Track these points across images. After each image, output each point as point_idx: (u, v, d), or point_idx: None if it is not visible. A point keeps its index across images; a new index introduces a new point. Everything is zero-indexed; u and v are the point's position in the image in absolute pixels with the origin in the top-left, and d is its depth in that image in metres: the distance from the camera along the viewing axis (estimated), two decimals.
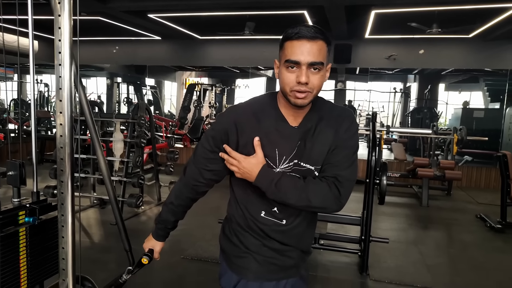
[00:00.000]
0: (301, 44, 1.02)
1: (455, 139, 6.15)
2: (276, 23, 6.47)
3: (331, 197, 1.10)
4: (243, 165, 1.10)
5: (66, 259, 1.50)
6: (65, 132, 1.43)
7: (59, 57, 1.42)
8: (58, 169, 1.46)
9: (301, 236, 1.22)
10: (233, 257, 1.23)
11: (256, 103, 1.17)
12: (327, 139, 1.14)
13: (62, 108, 1.43)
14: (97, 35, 8.06)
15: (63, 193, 1.46)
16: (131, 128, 4.26)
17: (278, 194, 1.09)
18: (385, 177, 2.93)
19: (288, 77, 1.05)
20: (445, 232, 4.43)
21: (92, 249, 3.44)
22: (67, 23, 1.41)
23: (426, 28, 5.43)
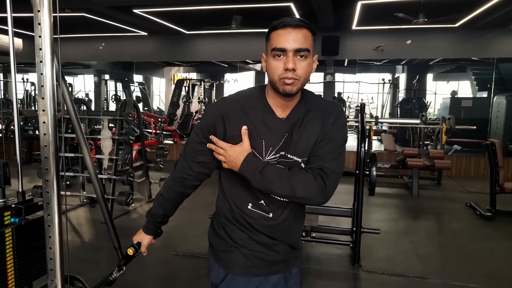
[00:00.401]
0: (286, 32, 1.05)
1: (444, 129, 6.22)
2: (263, 16, 6.44)
3: (316, 188, 1.08)
4: (229, 153, 1.11)
5: (54, 259, 1.47)
6: (49, 130, 1.40)
7: (40, 54, 1.38)
8: (43, 168, 1.43)
9: (288, 230, 1.21)
10: (220, 251, 1.22)
11: (244, 95, 1.18)
12: (314, 131, 1.14)
13: (45, 106, 1.40)
14: (82, 32, 7.93)
15: (48, 192, 1.43)
16: (119, 125, 4.21)
17: (262, 183, 1.08)
18: (375, 168, 2.95)
19: (275, 65, 1.07)
20: (436, 221, 4.48)
21: (82, 248, 3.41)
22: (47, 18, 1.37)
23: (412, 18, 5.46)
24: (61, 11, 6.12)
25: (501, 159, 4.38)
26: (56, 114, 1.42)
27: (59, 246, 1.46)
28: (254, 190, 1.14)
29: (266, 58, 1.11)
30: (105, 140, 4.29)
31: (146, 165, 4.76)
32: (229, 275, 1.19)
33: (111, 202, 4.09)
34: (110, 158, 4.24)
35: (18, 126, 1.69)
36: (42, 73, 1.38)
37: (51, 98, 1.40)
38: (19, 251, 1.57)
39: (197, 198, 1.64)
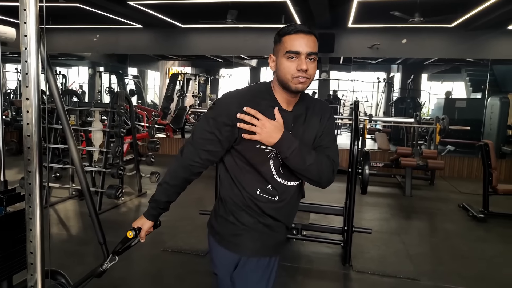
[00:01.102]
0: (300, 37, 1.19)
1: (438, 129, 6.22)
2: (258, 11, 6.39)
3: (331, 172, 1.28)
4: (266, 126, 1.17)
5: (35, 253, 1.42)
6: (32, 119, 1.36)
7: (24, 40, 1.33)
8: (25, 158, 1.38)
9: (290, 211, 1.36)
10: (230, 236, 1.31)
11: (253, 89, 1.30)
12: (315, 125, 1.31)
13: (29, 94, 1.36)
14: (76, 23, 7.81)
15: (30, 184, 1.39)
16: (110, 117, 4.14)
17: (297, 159, 1.20)
18: (368, 166, 2.92)
19: (289, 66, 1.19)
20: (428, 221, 4.48)
21: (69, 242, 3.35)
22: (32, 4, 1.31)
23: (408, 17, 5.44)
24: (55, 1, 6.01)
25: (494, 161, 4.38)
26: (40, 103, 1.38)
27: (40, 240, 1.41)
28: (263, 176, 1.26)
29: (276, 59, 1.24)
30: (96, 132, 4.22)
31: (137, 158, 4.70)
32: (242, 259, 1.30)
33: (100, 195, 4.04)
34: (101, 150, 4.18)
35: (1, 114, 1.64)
36: (26, 60, 1.34)
37: (35, 87, 1.35)
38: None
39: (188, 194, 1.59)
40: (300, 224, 3.19)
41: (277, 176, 1.27)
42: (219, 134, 1.23)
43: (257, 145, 1.22)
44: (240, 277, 1.31)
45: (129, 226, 1.40)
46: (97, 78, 10.68)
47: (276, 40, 1.24)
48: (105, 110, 4.24)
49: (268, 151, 1.24)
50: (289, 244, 3.42)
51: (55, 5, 5.71)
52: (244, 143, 1.23)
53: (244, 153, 1.26)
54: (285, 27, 1.22)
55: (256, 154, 1.24)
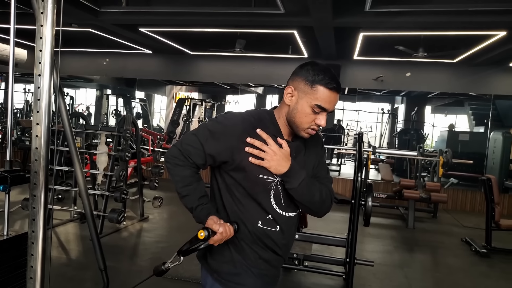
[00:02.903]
0: (334, 96, 1.18)
1: (441, 161, 6.21)
2: (266, 41, 6.54)
3: (330, 201, 1.29)
4: (278, 154, 1.17)
5: (34, 279, 1.41)
6: (41, 144, 1.39)
7: (39, 67, 1.39)
8: (31, 182, 1.40)
9: (288, 243, 1.31)
10: (230, 275, 1.23)
11: (256, 115, 1.26)
12: (313, 156, 1.33)
13: (39, 119, 1.39)
14: (88, 47, 8.02)
15: (35, 208, 1.40)
16: (116, 141, 4.19)
17: (304, 191, 1.20)
18: (371, 198, 2.91)
19: (309, 117, 1.19)
20: (431, 255, 4.41)
21: (68, 266, 3.31)
22: (49, 33, 1.37)
23: (412, 52, 5.55)
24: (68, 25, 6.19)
25: (497, 196, 4.35)
26: (50, 128, 1.41)
27: (41, 265, 1.41)
28: (262, 206, 1.22)
29: (297, 97, 1.20)
30: (101, 155, 4.25)
31: (140, 182, 4.71)
32: None
33: (102, 219, 4.02)
34: (105, 173, 4.19)
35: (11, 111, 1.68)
36: (39, 86, 1.38)
37: (46, 112, 1.39)
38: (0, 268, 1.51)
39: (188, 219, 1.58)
40: (302, 255, 3.14)
41: (277, 207, 1.23)
42: (207, 149, 1.18)
43: (258, 174, 1.18)
44: None
45: (130, 251, 1.38)
46: (104, 101, 10.84)
47: (308, 81, 1.17)
48: (111, 133, 4.29)
49: (269, 181, 1.20)
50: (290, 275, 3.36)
51: (68, 29, 5.90)
52: (244, 171, 1.19)
53: (243, 183, 1.20)
54: (322, 73, 1.16)
55: (256, 184, 1.20)
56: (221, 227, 1.14)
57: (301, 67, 1.21)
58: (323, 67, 1.19)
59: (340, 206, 6.36)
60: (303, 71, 1.19)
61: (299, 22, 5.07)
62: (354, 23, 5.01)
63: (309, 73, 1.17)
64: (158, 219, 4.88)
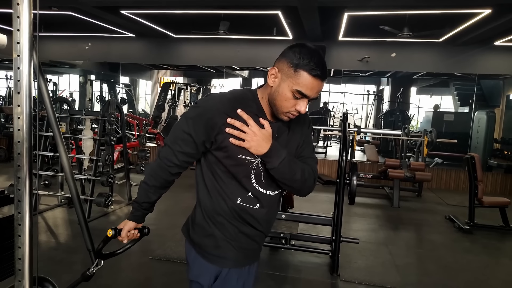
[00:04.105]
0: (317, 83, 1.14)
1: (426, 141, 6.34)
2: (250, 23, 6.47)
3: (313, 180, 1.29)
4: (258, 134, 1.16)
5: (23, 259, 1.42)
6: (23, 126, 1.37)
7: (17, 47, 1.35)
8: (15, 164, 1.39)
9: (269, 220, 1.33)
10: (211, 248, 1.27)
11: (238, 95, 1.24)
12: (297, 136, 1.31)
13: (20, 101, 1.37)
14: (69, 31, 7.81)
15: (20, 190, 1.40)
16: (101, 125, 4.14)
17: (285, 170, 1.20)
18: (355, 177, 2.97)
19: (289, 102, 1.17)
20: (415, 232, 4.54)
21: (57, 250, 3.32)
22: (26, 12, 1.34)
23: (397, 32, 5.57)
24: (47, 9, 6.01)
25: (480, 173, 4.47)
26: (31, 109, 1.39)
27: (29, 246, 1.41)
28: (242, 184, 1.23)
29: (280, 80, 1.17)
30: (87, 140, 4.21)
31: (127, 167, 4.69)
32: (223, 270, 1.27)
33: (90, 203, 4.01)
34: (91, 158, 4.17)
35: None
36: (18, 67, 1.35)
37: (27, 93, 1.37)
38: None
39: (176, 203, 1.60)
40: (289, 234, 3.20)
41: (257, 186, 1.24)
42: (195, 136, 1.19)
43: (239, 155, 1.19)
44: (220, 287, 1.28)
45: None
46: (88, 86, 10.64)
47: (292, 64, 1.14)
48: (95, 118, 4.24)
49: (250, 161, 1.20)
50: (277, 254, 3.44)
51: (47, 12, 5.72)
52: (226, 151, 1.19)
53: (224, 161, 1.21)
54: (308, 58, 1.12)
55: (237, 164, 1.20)
56: (127, 228, 1.35)
57: (290, 48, 1.17)
58: (311, 50, 1.14)
59: (326, 187, 6.47)
60: (290, 52, 1.16)
61: (284, 2, 5.02)
62: (339, 2, 5.00)
63: (295, 56, 1.13)
64: None
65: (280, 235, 3.19)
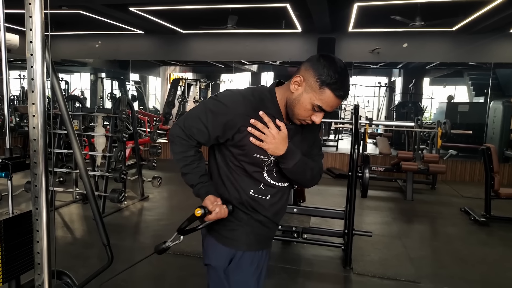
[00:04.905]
0: (338, 102, 1.19)
1: (439, 133, 6.24)
2: (258, 16, 6.44)
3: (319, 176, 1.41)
4: (277, 137, 1.20)
5: (41, 253, 1.46)
6: (38, 124, 1.39)
7: (30, 47, 1.38)
8: (31, 161, 1.42)
9: (279, 210, 1.39)
10: (226, 231, 1.33)
11: (257, 94, 1.27)
12: (310, 135, 1.37)
13: (34, 99, 1.39)
14: (79, 30, 7.90)
15: (36, 186, 1.43)
16: (112, 122, 4.19)
17: (297, 171, 1.28)
18: (368, 170, 2.94)
19: (307, 112, 1.21)
20: (429, 225, 4.48)
21: (73, 245, 3.39)
22: (38, 11, 1.36)
23: (409, 21, 5.47)
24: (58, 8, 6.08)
25: (497, 165, 4.37)
26: (46, 107, 1.41)
27: (47, 240, 1.45)
28: (255, 178, 1.29)
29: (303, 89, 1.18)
30: (99, 137, 4.27)
31: (139, 163, 4.74)
32: (237, 253, 1.33)
33: (103, 199, 4.08)
34: (103, 155, 4.22)
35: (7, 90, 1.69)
36: (32, 66, 1.37)
37: (41, 91, 1.39)
38: (6, 245, 1.55)
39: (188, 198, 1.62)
40: (301, 227, 3.20)
41: (269, 178, 1.31)
42: (212, 130, 1.23)
43: (255, 153, 1.24)
44: (235, 270, 1.33)
45: (132, 229, 1.41)
46: (99, 84, 10.76)
47: (319, 80, 1.15)
48: (107, 115, 4.29)
49: (263, 160, 1.26)
50: (289, 247, 3.45)
51: (58, 12, 5.79)
52: (243, 150, 1.24)
53: (239, 158, 1.27)
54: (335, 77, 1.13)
55: (251, 161, 1.26)
56: (217, 208, 1.23)
57: (318, 59, 1.16)
58: (339, 69, 1.14)
59: (338, 180, 6.43)
60: (318, 65, 1.15)
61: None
62: None
63: (323, 72, 1.14)
64: (158, 198, 4.94)
65: (292, 229, 3.19)
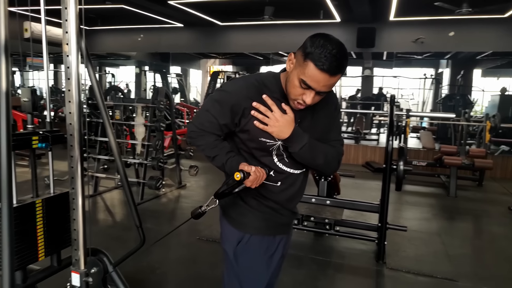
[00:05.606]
0: (323, 77, 1.09)
1: (488, 126, 5.86)
2: (295, 7, 6.35)
3: (337, 165, 1.35)
4: (280, 120, 1.19)
5: (77, 230, 1.56)
6: (74, 108, 1.49)
7: (66, 36, 1.46)
8: (68, 144, 1.52)
9: (292, 197, 1.37)
10: (236, 214, 1.36)
11: (262, 79, 1.26)
12: (323, 119, 1.31)
13: (70, 86, 1.48)
14: (122, 24, 8.24)
15: (73, 167, 1.52)
16: (151, 112, 4.35)
17: (305, 155, 1.23)
18: (403, 162, 2.83)
19: (296, 90, 1.16)
20: (473, 223, 4.25)
21: (113, 227, 3.59)
22: (72, 3, 1.43)
23: (455, 8, 5.16)
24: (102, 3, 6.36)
25: None
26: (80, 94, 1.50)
27: (82, 219, 1.55)
28: (265, 164, 1.27)
29: (294, 66, 1.16)
30: (139, 127, 4.45)
31: (177, 152, 4.89)
32: (245, 236, 1.34)
33: (142, 186, 4.26)
34: (142, 144, 4.40)
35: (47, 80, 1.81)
36: (68, 66, 1.46)
37: (76, 79, 1.48)
38: (48, 221, 1.68)
39: None
40: (333, 220, 3.16)
41: (281, 164, 1.29)
42: (220, 119, 1.23)
43: (260, 137, 1.23)
44: (242, 253, 1.35)
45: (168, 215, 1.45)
46: (143, 77, 11.20)
47: (304, 53, 1.11)
48: (146, 105, 4.46)
49: (270, 144, 1.24)
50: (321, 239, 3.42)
51: (101, 6, 6.09)
52: (248, 134, 1.24)
53: (247, 144, 1.27)
54: (320, 49, 1.07)
55: (258, 146, 1.25)
56: (254, 167, 1.19)
57: (312, 36, 1.13)
58: (326, 42, 1.08)
59: (376, 174, 6.25)
60: (308, 40, 1.12)
61: None
62: None
63: (309, 45, 1.10)
64: (195, 187, 5.09)
65: (324, 221, 3.16)
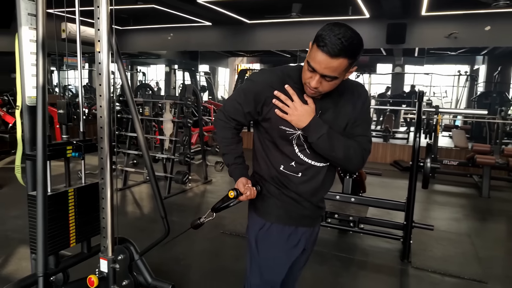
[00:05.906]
0: (323, 58, 1.12)
1: None
2: (323, 3, 6.29)
3: (360, 162, 1.32)
4: (299, 109, 1.22)
5: (106, 219, 1.65)
6: (104, 102, 1.57)
7: (98, 34, 1.54)
8: (98, 136, 1.60)
9: (314, 189, 1.37)
10: (258, 202, 1.40)
11: (286, 71, 1.31)
12: (347, 112, 1.30)
13: (101, 81, 1.57)
14: (153, 23, 8.47)
15: (102, 159, 1.61)
16: (179, 109, 4.46)
17: (324, 145, 1.24)
18: (430, 159, 2.77)
19: (305, 73, 1.20)
20: (506, 225, 4.09)
21: (141, 219, 3.73)
22: (104, 13, 1.51)
23: (491, 1, 4.94)
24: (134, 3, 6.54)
25: None
26: (110, 88, 1.58)
27: (111, 208, 1.63)
28: (286, 154, 1.31)
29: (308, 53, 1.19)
30: (167, 123, 4.58)
31: (203, 148, 4.99)
32: (266, 224, 1.38)
33: (169, 180, 4.38)
34: (170, 139, 4.52)
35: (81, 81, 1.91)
36: (100, 62, 1.54)
37: (107, 75, 1.56)
38: (79, 210, 1.78)
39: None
40: (357, 217, 3.14)
41: (302, 155, 1.31)
42: (245, 106, 1.32)
43: (280, 125, 1.27)
44: (262, 238, 1.40)
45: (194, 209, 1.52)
46: (172, 75, 11.46)
47: (313, 40, 1.16)
48: (174, 102, 4.58)
49: (289, 133, 1.28)
50: (345, 236, 3.40)
51: (133, 7, 6.29)
52: (269, 122, 1.30)
53: (269, 132, 1.32)
54: (325, 31, 1.11)
55: (279, 135, 1.30)
56: (248, 191, 1.32)
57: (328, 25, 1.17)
58: (335, 27, 1.11)
59: (404, 173, 6.10)
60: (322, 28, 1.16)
61: None
62: None
63: (320, 30, 1.14)
64: (220, 182, 5.19)
65: (348, 218, 3.14)
